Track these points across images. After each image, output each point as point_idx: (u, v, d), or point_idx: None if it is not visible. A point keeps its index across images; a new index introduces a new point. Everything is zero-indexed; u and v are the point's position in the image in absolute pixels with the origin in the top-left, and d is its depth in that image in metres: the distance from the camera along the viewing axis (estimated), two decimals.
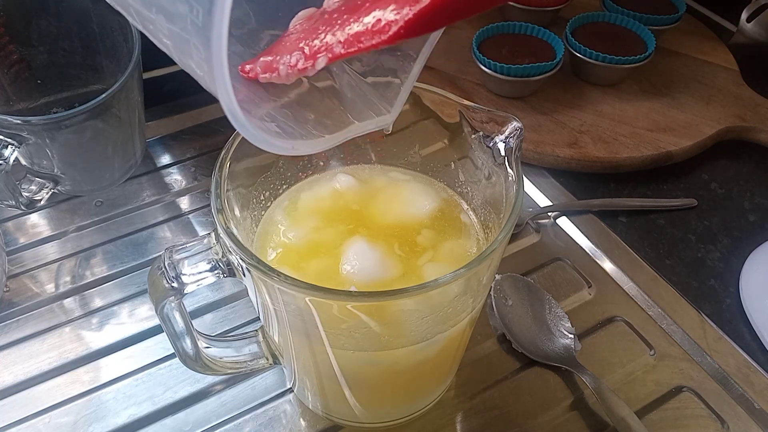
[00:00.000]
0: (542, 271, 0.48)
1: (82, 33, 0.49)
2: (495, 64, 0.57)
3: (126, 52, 0.47)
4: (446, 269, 0.25)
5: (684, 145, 0.56)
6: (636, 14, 0.64)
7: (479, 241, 0.35)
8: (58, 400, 0.40)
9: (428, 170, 0.38)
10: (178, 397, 0.40)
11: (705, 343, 0.43)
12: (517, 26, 0.62)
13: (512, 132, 0.30)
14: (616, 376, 0.41)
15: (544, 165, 0.56)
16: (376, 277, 0.32)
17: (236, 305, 0.45)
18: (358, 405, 0.37)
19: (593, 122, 0.58)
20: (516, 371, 0.42)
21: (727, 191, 0.56)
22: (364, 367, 0.32)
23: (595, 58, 0.59)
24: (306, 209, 0.36)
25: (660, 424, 0.39)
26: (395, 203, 0.36)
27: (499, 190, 0.32)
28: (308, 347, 0.31)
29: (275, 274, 0.25)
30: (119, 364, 0.41)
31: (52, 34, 0.49)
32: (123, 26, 0.47)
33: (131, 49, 0.46)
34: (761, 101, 0.61)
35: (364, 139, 0.38)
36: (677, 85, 0.63)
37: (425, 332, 0.29)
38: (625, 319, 0.45)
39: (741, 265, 0.48)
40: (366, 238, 0.33)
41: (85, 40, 0.50)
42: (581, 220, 0.52)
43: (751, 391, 0.41)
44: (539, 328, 0.43)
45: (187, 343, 0.32)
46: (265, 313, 0.31)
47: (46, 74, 0.50)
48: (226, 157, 0.29)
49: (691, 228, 0.52)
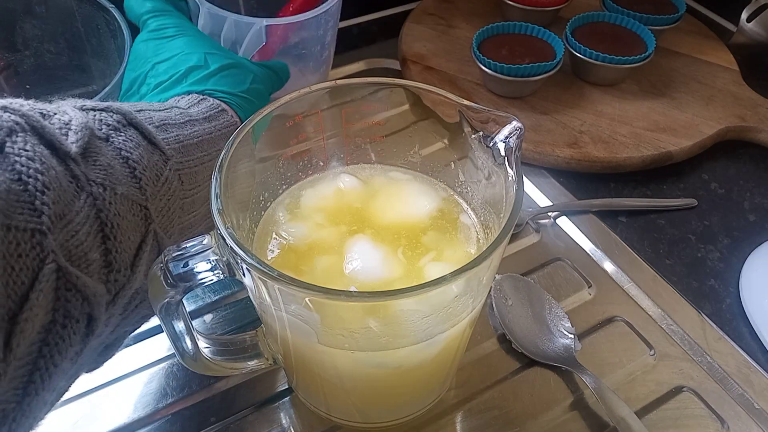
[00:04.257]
0: (542, 271, 0.48)
1: (67, 33, 0.49)
2: (495, 64, 0.57)
3: (115, 49, 0.46)
4: (446, 269, 0.25)
5: (684, 145, 0.56)
6: (636, 14, 0.64)
7: (479, 241, 0.35)
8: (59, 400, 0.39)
9: (428, 170, 0.38)
10: (178, 397, 0.40)
11: (705, 343, 0.43)
12: (517, 26, 0.62)
13: (512, 132, 0.30)
14: (616, 376, 0.41)
15: (544, 165, 0.56)
16: (375, 277, 0.32)
17: (236, 305, 0.45)
18: (358, 405, 0.37)
19: (593, 122, 0.58)
20: (516, 371, 0.42)
21: (727, 191, 0.56)
22: (363, 367, 0.32)
23: (595, 58, 0.59)
24: (306, 209, 0.36)
25: (660, 424, 0.39)
26: (395, 203, 0.36)
27: (499, 190, 0.32)
28: (308, 347, 0.31)
29: (275, 274, 0.25)
30: (119, 364, 0.41)
31: (37, 37, 0.48)
32: (110, 23, 0.46)
33: (121, 47, 0.45)
34: (761, 101, 0.61)
35: (364, 138, 0.38)
36: (677, 85, 0.63)
37: (425, 332, 0.29)
38: (625, 319, 0.45)
39: (741, 265, 0.48)
40: (366, 239, 0.33)
41: (71, 41, 0.49)
42: (581, 220, 0.52)
43: (751, 391, 0.41)
44: (539, 328, 0.43)
45: (187, 343, 0.32)
46: (265, 313, 0.31)
47: (35, 78, 0.50)
48: (226, 157, 0.29)
49: (691, 228, 0.52)
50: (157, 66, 0.41)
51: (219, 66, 0.41)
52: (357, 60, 0.68)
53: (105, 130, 0.28)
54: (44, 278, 0.22)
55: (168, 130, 0.33)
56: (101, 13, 0.46)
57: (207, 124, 0.36)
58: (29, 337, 0.22)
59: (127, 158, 0.28)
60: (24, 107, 0.25)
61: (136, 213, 0.28)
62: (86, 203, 0.25)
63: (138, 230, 0.28)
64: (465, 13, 0.72)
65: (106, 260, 0.26)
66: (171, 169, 0.31)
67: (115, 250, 0.26)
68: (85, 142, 0.26)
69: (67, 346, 0.24)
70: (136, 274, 0.28)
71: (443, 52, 0.66)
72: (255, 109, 0.40)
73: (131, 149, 0.29)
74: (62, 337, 0.23)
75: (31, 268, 0.22)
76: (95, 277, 0.25)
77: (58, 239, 0.23)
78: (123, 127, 0.29)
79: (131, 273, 0.27)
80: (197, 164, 0.34)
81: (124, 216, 0.27)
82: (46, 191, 0.23)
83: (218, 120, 0.37)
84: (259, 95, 0.43)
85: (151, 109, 0.33)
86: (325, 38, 0.52)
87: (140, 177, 0.29)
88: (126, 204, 0.27)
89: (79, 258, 0.24)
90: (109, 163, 0.27)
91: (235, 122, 0.39)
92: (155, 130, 0.31)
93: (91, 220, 0.25)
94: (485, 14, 0.71)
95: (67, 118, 0.26)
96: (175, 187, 0.31)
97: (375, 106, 0.36)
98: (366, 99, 0.35)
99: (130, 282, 0.27)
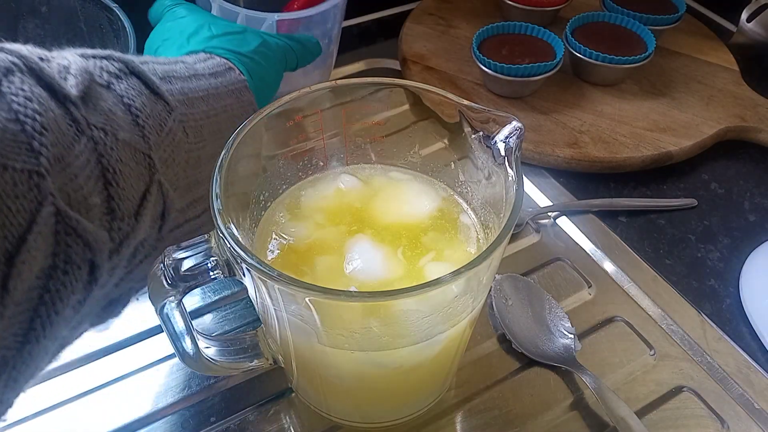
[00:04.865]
0: (542, 271, 0.48)
1: (70, 33, 0.48)
2: (495, 64, 0.57)
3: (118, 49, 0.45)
4: (446, 269, 0.25)
5: (684, 145, 0.56)
6: (636, 14, 0.64)
7: (479, 241, 0.35)
8: (59, 400, 0.40)
9: (428, 170, 0.38)
10: (178, 397, 0.40)
11: (705, 343, 0.43)
12: (517, 26, 0.62)
13: (512, 132, 0.30)
14: (616, 376, 0.41)
15: (544, 165, 0.56)
16: (376, 277, 0.32)
17: (236, 305, 0.45)
18: (358, 405, 0.37)
19: (593, 122, 0.58)
20: (516, 371, 0.42)
21: (727, 191, 0.56)
22: (364, 367, 0.32)
23: (595, 58, 0.59)
24: (306, 209, 0.36)
25: (660, 424, 0.39)
26: (395, 203, 0.36)
27: (499, 190, 0.32)
28: (308, 347, 0.31)
29: (275, 274, 0.25)
30: (119, 364, 0.41)
31: (40, 36, 0.48)
32: (113, 23, 0.46)
33: (124, 46, 0.45)
34: (761, 101, 0.61)
35: (365, 139, 0.38)
36: (677, 85, 0.63)
37: (425, 332, 0.29)
38: (625, 319, 0.45)
39: (741, 265, 0.48)
40: (366, 239, 0.33)
41: (74, 41, 0.49)
42: (581, 220, 0.52)
43: (751, 391, 0.41)
44: (539, 328, 0.43)
45: (187, 343, 0.32)
46: (265, 313, 0.31)
47: None
48: (226, 157, 0.29)
49: (691, 228, 0.52)
50: (166, 42, 0.41)
51: (224, 31, 0.41)
52: (357, 60, 0.68)
53: (106, 77, 0.28)
54: (42, 221, 0.21)
55: (172, 82, 0.32)
56: (104, 13, 0.46)
57: (213, 80, 0.36)
58: (28, 281, 0.21)
59: (130, 105, 0.28)
60: (22, 50, 0.24)
61: (140, 161, 0.27)
62: (87, 147, 0.24)
63: (142, 179, 0.28)
64: (465, 13, 0.72)
65: (108, 207, 0.25)
66: (175, 120, 0.31)
67: (118, 196, 0.25)
68: (86, 86, 0.25)
69: (69, 293, 0.23)
70: (140, 224, 0.27)
71: (443, 52, 0.66)
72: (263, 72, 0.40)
73: (133, 97, 0.28)
74: (63, 284, 0.23)
75: (28, 210, 0.21)
76: (97, 223, 0.24)
77: (57, 182, 0.22)
78: (125, 76, 0.29)
79: (135, 222, 0.27)
80: (202, 118, 0.33)
81: (126, 163, 0.26)
82: (44, 132, 0.22)
83: (225, 77, 0.37)
84: (267, 59, 0.42)
85: (156, 62, 0.33)
86: (332, 32, 0.53)
87: (143, 125, 0.28)
88: (128, 151, 0.27)
89: (79, 202, 0.23)
90: (111, 109, 0.26)
91: (242, 81, 0.38)
92: (159, 81, 0.31)
93: (92, 165, 0.24)
94: (485, 14, 0.71)
95: (66, 62, 0.26)
96: (179, 139, 0.31)
97: (375, 106, 0.36)
98: (366, 99, 0.35)
99: (134, 231, 0.27)
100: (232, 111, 0.36)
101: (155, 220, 0.29)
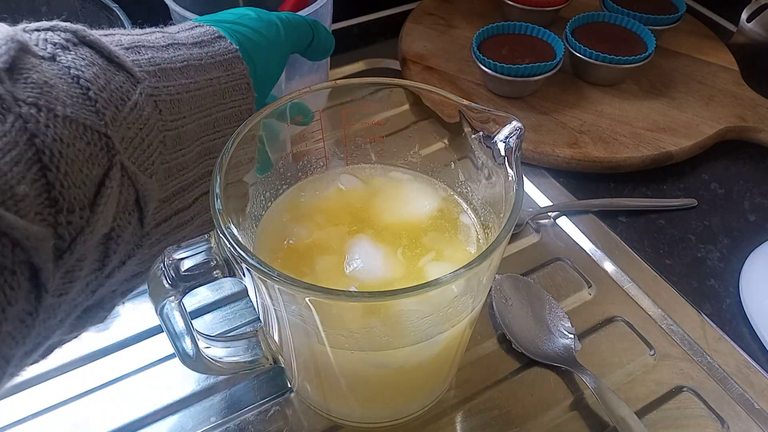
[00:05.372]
0: (542, 271, 0.48)
1: None
2: (495, 64, 0.57)
3: None
4: (446, 269, 0.25)
5: (684, 145, 0.56)
6: (636, 14, 0.64)
7: (479, 241, 0.35)
8: (59, 400, 0.40)
9: (428, 170, 0.38)
10: (178, 397, 0.40)
11: (705, 343, 0.43)
12: (517, 26, 0.62)
13: (512, 132, 0.30)
14: (616, 376, 0.41)
15: (544, 165, 0.56)
16: (376, 277, 0.32)
17: (236, 305, 0.45)
18: (358, 405, 0.37)
19: (593, 122, 0.58)
20: (516, 371, 0.42)
21: (727, 191, 0.56)
22: (364, 367, 0.32)
23: (595, 58, 0.59)
24: (306, 209, 0.36)
25: (660, 424, 0.39)
26: (395, 203, 0.36)
27: (499, 190, 0.32)
28: (308, 347, 0.31)
29: (275, 274, 0.25)
30: (119, 364, 0.41)
31: None
32: (114, 22, 0.46)
33: None
34: (761, 101, 0.61)
35: (364, 139, 0.38)
36: (677, 85, 0.63)
37: (425, 332, 0.29)
38: (625, 319, 0.45)
39: (741, 265, 0.48)
40: (366, 239, 0.33)
41: None
42: (581, 220, 0.52)
43: (751, 391, 0.41)
44: (539, 328, 0.43)
45: (187, 343, 0.32)
46: (265, 313, 0.31)
47: None
48: (226, 157, 0.29)
49: (691, 228, 0.52)
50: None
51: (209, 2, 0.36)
52: (357, 60, 0.68)
53: (50, 49, 0.24)
54: None
55: (141, 52, 0.28)
56: (104, 13, 0.46)
57: (196, 50, 0.31)
58: None
59: (78, 77, 0.24)
60: None
61: (92, 141, 0.24)
62: (14, 127, 0.21)
63: (97, 162, 0.24)
64: (465, 13, 0.72)
65: (49, 197, 0.21)
66: (142, 93, 0.27)
67: (60, 184, 0.22)
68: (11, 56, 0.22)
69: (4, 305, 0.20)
70: (97, 215, 0.23)
71: (443, 52, 0.66)
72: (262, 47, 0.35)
73: (83, 67, 0.24)
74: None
75: None
76: (30, 216, 0.21)
77: None
78: (74, 46, 0.25)
79: (90, 213, 0.23)
80: (180, 92, 0.29)
81: (70, 143, 0.22)
82: None
83: (212, 46, 0.32)
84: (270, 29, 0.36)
85: (126, 33, 0.29)
86: None
87: (95, 98, 0.24)
88: (73, 128, 0.23)
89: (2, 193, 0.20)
90: (47, 81, 0.23)
91: (233, 50, 0.33)
92: (123, 51, 0.27)
93: (21, 147, 0.21)
94: (485, 14, 0.71)
95: None
96: (148, 115, 0.27)
97: (375, 106, 0.36)
98: (366, 99, 0.35)
99: (91, 224, 0.23)
100: (219, 84, 0.32)
101: (127, 212, 0.25)
